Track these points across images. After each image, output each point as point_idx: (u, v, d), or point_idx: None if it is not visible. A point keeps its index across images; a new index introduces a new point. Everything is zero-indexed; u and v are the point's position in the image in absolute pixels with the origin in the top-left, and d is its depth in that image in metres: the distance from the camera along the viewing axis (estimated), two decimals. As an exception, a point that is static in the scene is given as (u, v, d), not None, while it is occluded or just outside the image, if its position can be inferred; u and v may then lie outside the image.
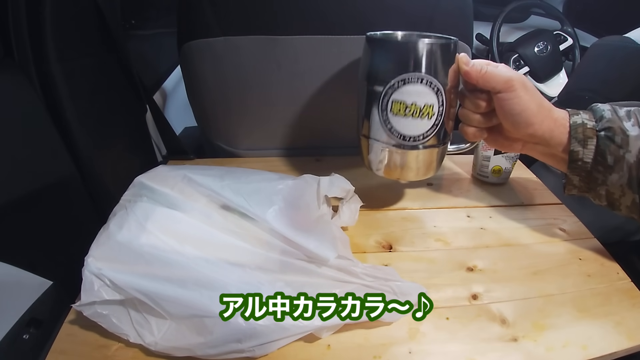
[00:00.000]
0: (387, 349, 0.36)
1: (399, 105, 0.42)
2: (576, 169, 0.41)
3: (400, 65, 0.41)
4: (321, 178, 0.46)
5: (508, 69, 0.40)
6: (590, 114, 0.41)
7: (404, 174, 0.47)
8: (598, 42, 0.80)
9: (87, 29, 0.52)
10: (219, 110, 0.65)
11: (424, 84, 0.41)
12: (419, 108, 0.42)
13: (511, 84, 0.39)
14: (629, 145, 0.38)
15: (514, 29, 1.55)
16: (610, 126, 0.39)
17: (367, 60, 0.45)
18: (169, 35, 0.80)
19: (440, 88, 0.41)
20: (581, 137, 0.39)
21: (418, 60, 0.41)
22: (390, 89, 0.42)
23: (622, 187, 0.39)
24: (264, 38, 0.57)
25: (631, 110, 0.40)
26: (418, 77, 0.41)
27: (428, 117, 0.42)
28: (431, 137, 0.44)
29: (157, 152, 0.74)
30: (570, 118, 0.40)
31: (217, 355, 0.33)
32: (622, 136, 0.38)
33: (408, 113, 0.42)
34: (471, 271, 0.44)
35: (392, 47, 0.43)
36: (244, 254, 0.38)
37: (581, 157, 0.40)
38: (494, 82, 0.39)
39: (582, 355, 0.35)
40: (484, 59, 0.41)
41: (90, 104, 0.51)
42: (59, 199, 0.47)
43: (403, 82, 0.41)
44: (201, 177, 0.43)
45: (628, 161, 0.38)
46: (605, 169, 0.39)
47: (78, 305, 0.34)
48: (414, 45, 0.41)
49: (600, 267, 0.45)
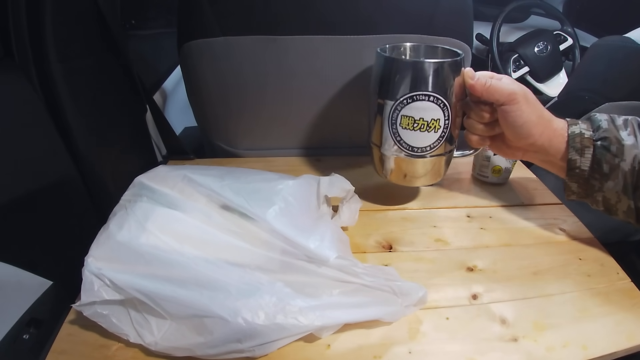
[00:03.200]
0: (387, 349, 0.36)
1: (407, 120, 0.45)
2: (574, 176, 0.42)
3: (409, 83, 0.43)
4: (321, 178, 0.46)
5: (512, 81, 0.42)
6: (588, 123, 0.42)
7: (412, 181, 0.50)
8: (598, 42, 0.80)
9: (87, 29, 0.52)
10: (219, 110, 0.65)
11: (430, 101, 0.43)
12: (427, 122, 0.44)
13: (514, 97, 0.41)
14: (624, 154, 0.40)
15: (514, 29, 1.55)
16: (607, 136, 0.40)
17: (378, 75, 0.47)
18: (169, 35, 0.80)
19: (446, 103, 0.44)
20: (579, 146, 0.41)
21: (425, 79, 0.43)
22: (399, 105, 0.44)
23: (617, 193, 0.41)
24: (264, 38, 0.57)
25: (628, 119, 0.41)
26: (425, 95, 0.43)
27: (435, 130, 0.45)
28: (438, 148, 0.46)
29: (157, 152, 0.74)
30: (568, 128, 0.42)
31: (217, 355, 0.33)
32: (618, 145, 0.40)
33: (416, 127, 0.45)
34: (471, 271, 0.44)
35: (401, 66, 0.44)
36: (244, 254, 0.38)
37: (579, 165, 0.42)
38: (498, 95, 0.41)
39: (582, 355, 0.35)
40: (488, 71, 0.43)
41: (90, 104, 0.51)
42: (59, 199, 0.47)
43: (411, 99, 0.44)
44: (201, 177, 0.43)
45: (623, 169, 0.40)
46: (601, 177, 0.41)
47: (78, 305, 0.34)
48: (421, 65, 0.43)
49: (600, 267, 0.45)
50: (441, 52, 0.51)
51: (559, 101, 0.83)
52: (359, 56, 0.59)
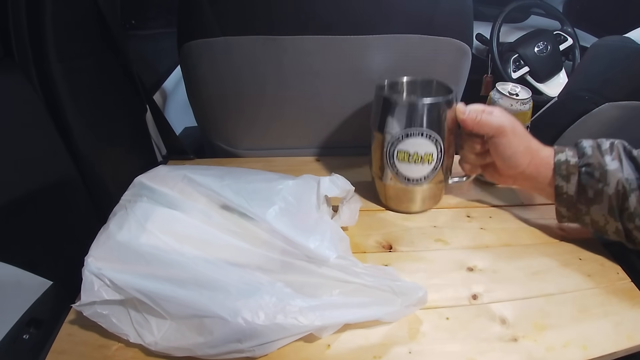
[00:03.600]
0: (387, 349, 0.36)
1: (403, 154, 0.48)
2: (562, 202, 0.45)
3: (404, 121, 0.47)
4: (321, 178, 0.46)
5: (502, 114, 0.45)
6: (574, 150, 0.44)
7: (410, 207, 0.53)
8: (598, 42, 0.80)
9: (87, 29, 0.52)
10: (219, 110, 0.65)
11: (424, 137, 0.47)
12: (420, 156, 0.48)
13: (502, 131, 0.44)
14: (607, 179, 0.41)
15: (514, 29, 1.55)
16: (591, 162, 0.42)
17: (377, 111, 0.50)
18: (169, 35, 0.80)
19: (438, 139, 0.47)
20: (564, 173, 0.44)
21: (419, 117, 0.47)
22: (396, 141, 0.48)
23: (604, 216, 0.43)
24: (264, 38, 0.57)
25: (614, 143, 0.43)
26: (419, 132, 0.47)
27: (429, 163, 0.48)
28: (432, 178, 0.50)
29: (157, 152, 0.74)
30: (555, 155, 0.44)
31: (217, 355, 0.33)
32: (601, 171, 0.41)
33: (411, 160, 0.48)
34: (471, 271, 0.44)
35: (397, 106, 0.48)
36: (244, 254, 0.38)
37: (565, 190, 0.44)
38: (487, 128, 0.45)
39: (582, 355, 0.35)
40: (479, 104, 0.47)
41: (90, 104, 0.51)
42: (59, 199, 0.47)
43: (407, 135, 0.47)
44: (201, 177, 0.43)
45: (607, 193, 0.41)
46: (587, 201, 0.43)
47: (78, 305, 0.34)
48: (414, 106, 0.46)
49: (600, 267, 0.45)
50: (435, 86, 0.54)
51: (559, 101, 0.83)
52: (359, 56, 0.59)
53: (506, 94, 0.53)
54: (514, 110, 0.53)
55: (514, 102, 0.53)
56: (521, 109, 0.53)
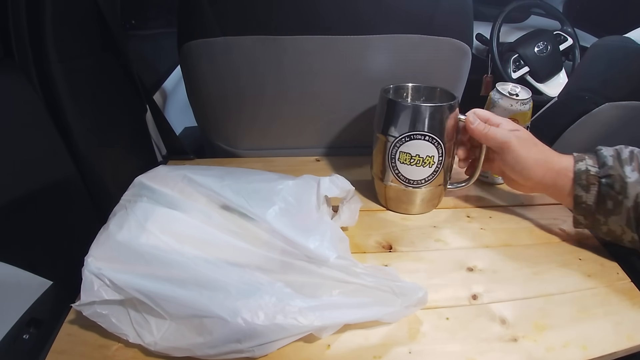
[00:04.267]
0: (387, 349, 0.36)
1: (405, 156, 0.49)
2: (581, 210, 0.44)
3: (407, 124, 0.48)
4: (321, 178, 0.46)
5: (510, 125, 0.47)
6: (594, 158, 0.44)
7: (409, 209, 0.54)
8: (598, 42, 0.80)
9: (87, 29, 0.52)
10: (219, 110, 0.65)
11: (426, 140, 0.48)
12: (422, 159, 0.49)
13: (508, 145, 0.46)
14: (627, 192, 0.41)
15: (514, 29, 1.55)
16: (611, 173, 0.42)
17: (381, 113, 0.51)
18: (169, 35, 0.80)
19: (440, 142, 0.48)
20: (584, 183, 0.43)
21: (422, 120, 0.48)
22: (398, 142, 0.49)
23: (621, 226, 0.43)
24: (264, 38, 0.57)
25: (634, 152, 0.43)
26: (421, 135, 0.48)
27: (429, 166, 0.49)
28: (432, 180, 0.50)
29: (157, 152, 0.74)
30: (575, 164, 0.44)
31: (216, 356, 0.33)
32: (621, 183, 0.41)
33: (412, 162, 0.49)
34: (471, 271, 0.44)
35: (401, 108, 0.49)
36: (244, 254, 0.38)
37: (584, 200, 0.43)
38: (492, 142, 0.47)
39: (582, 355, 0.35)
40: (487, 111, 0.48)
41: (90, 104, 0.51)
42: (59, 199, 0.47)
43: (409, 138, 0.48)
44: (201, 177, 0.43)
45: (626, 205, 0.41)
46: (605, 212, 0.43)
47: (78, 305, 0.34)
48: (418, 108, 0.48)
49: (600, 267, 0.45)
50: (439, 93, 0.55)
51: (559, 101, 0.83)
52: (359, 56, 0.59)
53: (506, 94, 0.53)
54: (514, 111, 0.53)
55: (514, 102, 0.53)
56: (521, 109, 0.53)
